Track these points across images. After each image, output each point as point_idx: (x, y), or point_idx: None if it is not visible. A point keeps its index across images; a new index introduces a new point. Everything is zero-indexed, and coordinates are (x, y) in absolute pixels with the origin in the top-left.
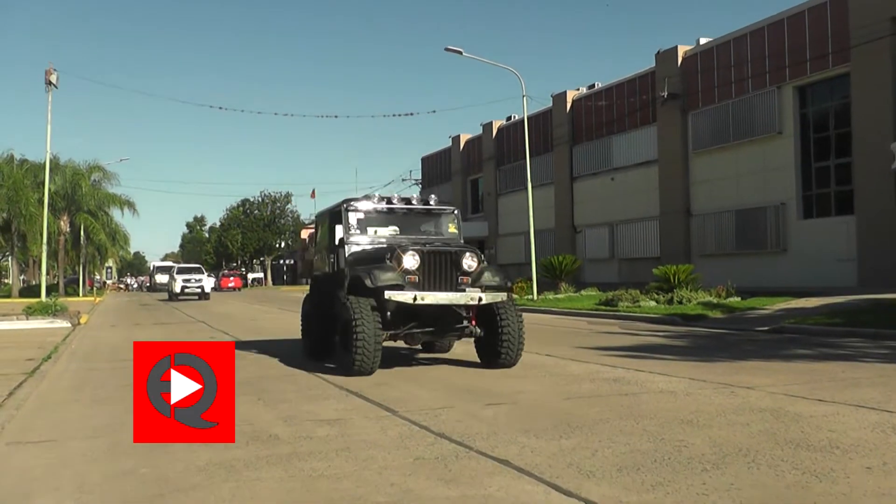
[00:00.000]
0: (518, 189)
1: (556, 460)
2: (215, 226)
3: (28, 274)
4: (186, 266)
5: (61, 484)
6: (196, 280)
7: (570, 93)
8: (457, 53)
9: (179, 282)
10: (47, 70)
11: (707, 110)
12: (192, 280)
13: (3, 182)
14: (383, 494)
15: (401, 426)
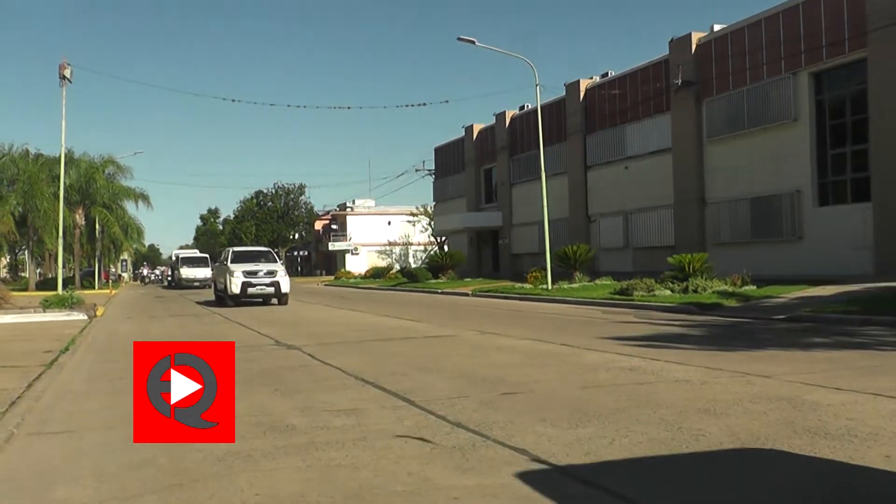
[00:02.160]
0: (532, 178)
1: (573, 449)
2: (229, 218)
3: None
4: (248, 250)
5: (81, 473)
6: (267, 273)
7: (584, 81)
8: (469, 43)
9: (239, 276)
10: (61, 65)
11: (721, 97)
12: (261, 273)
13: (18, 176)
14: (401, 483)
15: (417, 416)
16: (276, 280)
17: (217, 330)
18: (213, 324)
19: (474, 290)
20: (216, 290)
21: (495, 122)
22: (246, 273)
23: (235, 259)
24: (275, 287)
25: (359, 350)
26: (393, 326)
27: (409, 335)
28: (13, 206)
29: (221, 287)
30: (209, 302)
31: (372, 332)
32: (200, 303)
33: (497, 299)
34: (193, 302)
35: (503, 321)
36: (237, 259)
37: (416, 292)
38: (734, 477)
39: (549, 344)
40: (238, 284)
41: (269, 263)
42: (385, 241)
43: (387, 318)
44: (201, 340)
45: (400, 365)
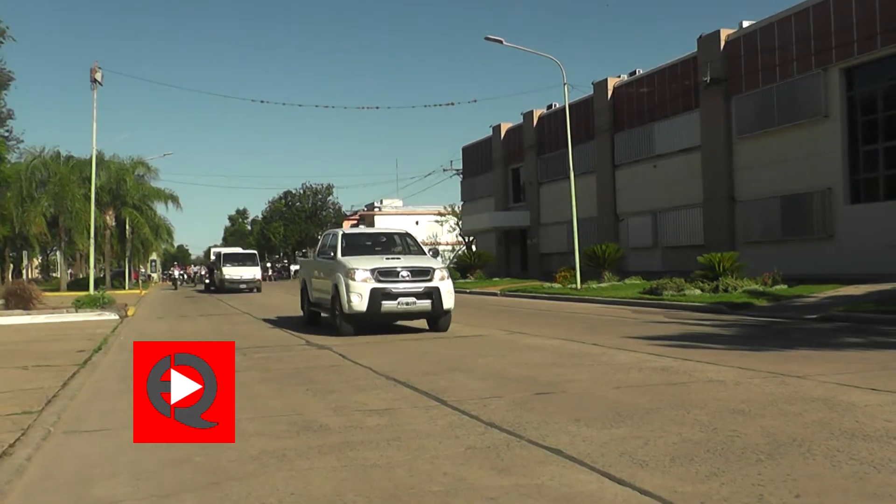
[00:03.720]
0: (560, 178)
1: (608, 449)
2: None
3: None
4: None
5: (118, 471)
6: (413, 273)
7: (612, 80)
8: (497, 42)
9: (366, 280)
10: (92, 68)
11: (751, 94)
12: (404, 273)
13: (50, 178)
14: (437, 483)
15: (450, 415)
16: (431, 286)
17: (246, 329)
18: (243, 323)
19: (503, 289)
20: (309, 303)
21: (523, 121)
22: (379, 273)
23: (351, 247)
24: (431, 298)
25: (389, 350)
26: (422, 326)
27: (438, 335)
28: (45, 207)
29: (325, 298)
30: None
31: (400, 332)
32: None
33: (526, 299)
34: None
35: (533, 321)
36: (354, 247)
37: None
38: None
39: (579, 344)
40: (364, 295)
41: (411, 255)
42: None
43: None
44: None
45: (431, 365)
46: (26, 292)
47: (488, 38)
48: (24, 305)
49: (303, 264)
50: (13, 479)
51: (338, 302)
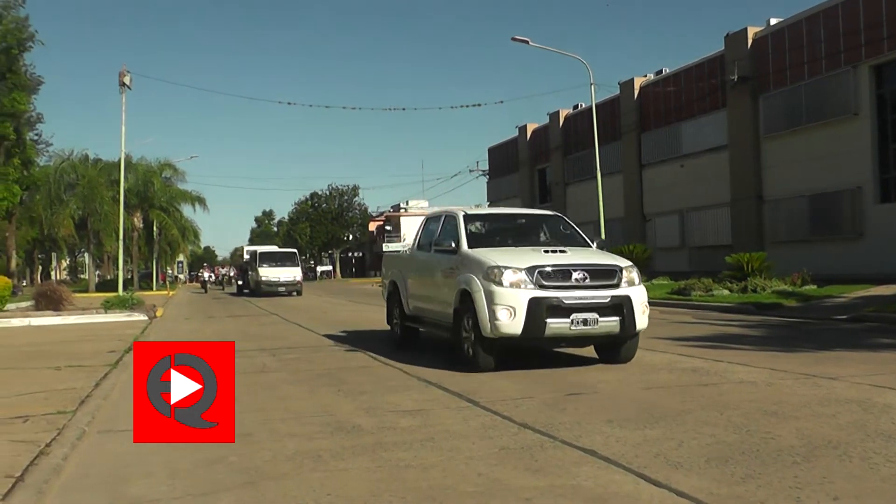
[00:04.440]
0: (586, 178)
1: (642, 450)
2: (284, 220)
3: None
4: (509, 215)
5: (153, 470)
6: (597, 273)
7: (638, 79)
8: (523, 43)
9: (520, 285)
10: (121, 72)
11: (779, 93)
12: (582, 276)
13: (78, 181)
14: (472, 484)
15: (483, 416)
16: (619, 295)
17: (274, 331)
18: (271, 324)
19: None
20: (403, 314)
21: (549, 121)
22: (541, 275)
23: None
24: (620, 314)
25: (418, 350)
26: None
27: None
28: (73, 209)
29: (435, 311)
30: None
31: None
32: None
33: None
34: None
35: None
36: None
37: None
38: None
39: None
40: (519, 309)
41: (577, 248)
42: None
43: None
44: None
45: (460, 366)
46: (56, 293)
47: (515, 39)
48: (54, 306)
49: (391, 261)
50: (50, 478)
51: (468, 319)
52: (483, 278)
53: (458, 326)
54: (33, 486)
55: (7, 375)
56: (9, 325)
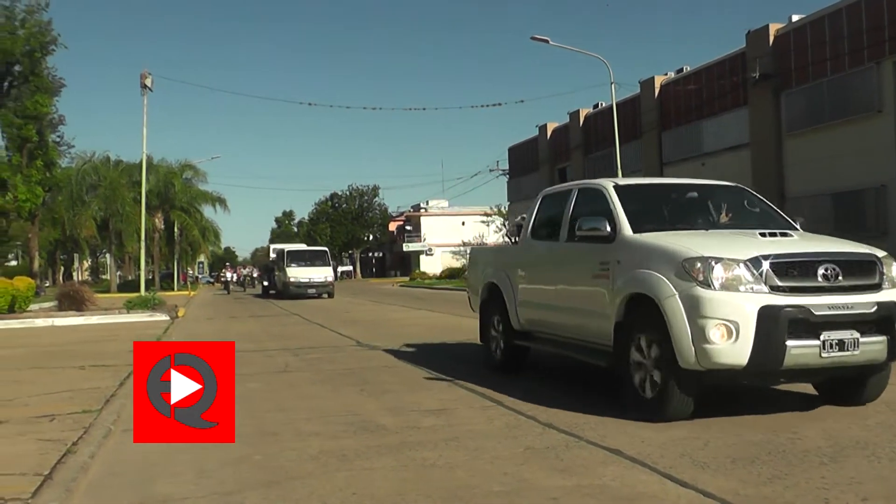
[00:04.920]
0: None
1: (668, 450)
2: (304, 220)
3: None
4: (674, 185)
5: (180, 469)
6: (851, 268)
7: (658, 78)
8: (543, 42)
9: (748, 284)
10: (142, 74)
11: (801, 90)
12: (832, 270)
13: (100, 182)
14: (498, 484)
15: (507, 416)
16: (884, 302)
17: (296, 330)
18: (293, 325)
19: None
20: (508, 329)
21: (569, 120)
22: (774, 269)
23: (641, 214)
24: (890, 333)
25: (441, 350)
26: (473, 327)
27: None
28: (95, 211)
29: (569, 324)
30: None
31: (452, 333)
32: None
33: None
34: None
35: None
36: (645, 215)
37: None
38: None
39: None
40: (746, 325)
41: (794, 232)
42: (459, 241)
43: (465, 318)
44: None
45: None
46: (79, 294)
47: (534, 38)
48: (76, 307)
49: (487, 257)
50: (78, 476)
51: (645, 340)
52: (675, 276)
53: (624, 351)
54: (62, 484)
55: (32, 375)
56: (33, 325)
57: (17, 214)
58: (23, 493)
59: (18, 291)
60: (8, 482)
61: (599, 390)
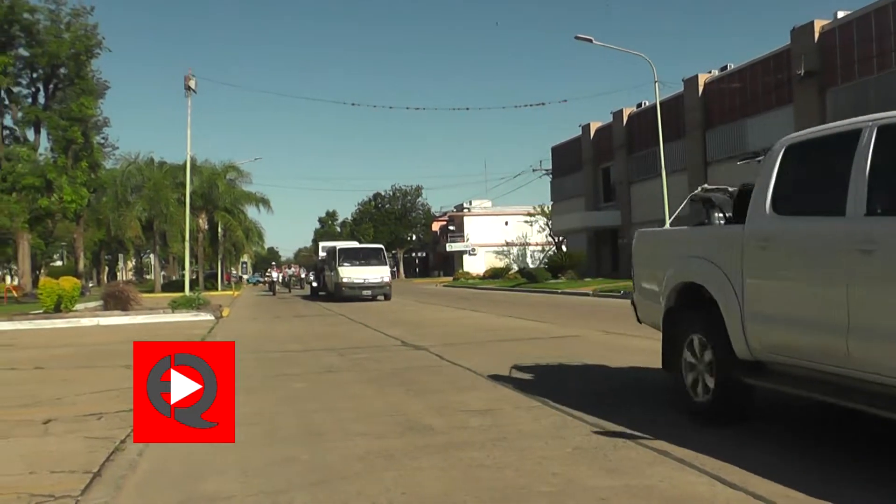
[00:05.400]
0: (651, 176)
1: (717, 452)
2: (347, 220)
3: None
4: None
5: (227, 468)
6: None
7: (702, 76)
8: (587, 41)
9: None
10: (186, 76)
11: (847, 87)
12: None
13: (144, 183)
14: (546, 484)
15: (553, 416)
16: None
17: (341, 330)
18: (338, 325)
19: (595, 289)
20: (736, 360)
21: (612, 120)
22: None
23: None
24: None
25: (485, 350)
26: (516, 327)
27: (534, 335)
28: (139, 211)
29: None
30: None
31: (496, 333)
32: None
33: (619, 299)
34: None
35: (628, 321)
36: None
37: (535, 293)
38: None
39: None
40: None
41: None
42: (502, 241)
43: (509, 318)
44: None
45: (527, 367)
46: (124, 294)
47: (578, 38)
48: (122, 307)
49: (665, 241)
50: (127, 473)
51: None
52: None
53: None
54: (111, 482)
55: (80, 374)
56: (79, 325)
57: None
58: (72, 490)
59: (64, 291)
60: (58, 479)
61: (648, 389)
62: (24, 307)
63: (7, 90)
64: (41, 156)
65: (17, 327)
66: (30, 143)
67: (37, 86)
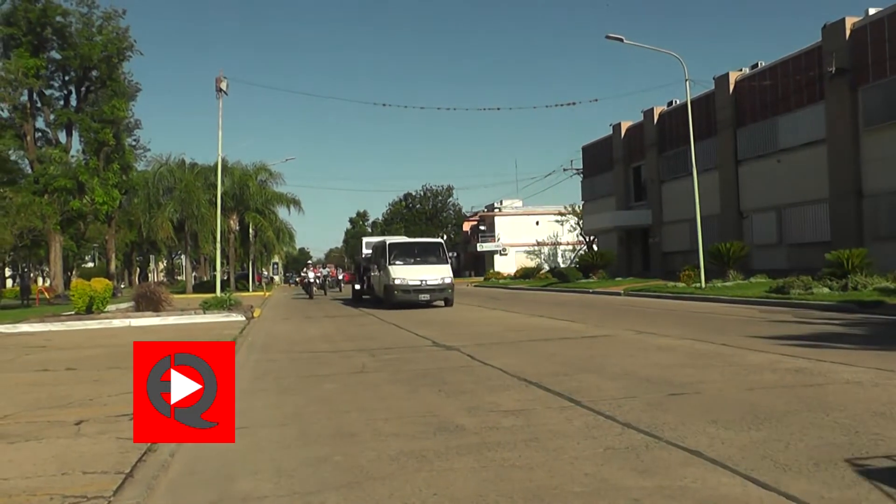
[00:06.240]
0: (681, 175)
1: (749, 452)
2: (378, 221)
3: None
4: None
5: (260, 468)
6: None
7: (733, 74)
8: (618, 41)
9: None
10: (217, 78)
11: (879, 84)
12: None
13: (176, 185)
14: (579, 484)
15: (585, 416)
16: None
17: (371, 331)
18: (366, 325)
19: (626, 289)
20: None
21: (643, 118)
22: None
23: None
24: None
25: (517, 350)
26: (548, 327)
27: (565, 335)
28: (170, 213)
29: None
30: None
31: (528, 333)
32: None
33: (650, 298)
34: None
35: (658, 321)
36: None
37: (567, 292)
38: None
39: (708, 344)
40: None
41: None
42: (533, 241)
43: (541, 318)
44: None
45: (560, 365)
46: (156, 295)
47: (609, 37)
48: (153, 307)
49: None
50: (159, 474)
51: None
52: None
53: None
54: (142, 483)
55: (111, 375)
56: (110, 326)
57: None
58: (104, 490)
59: (96, 292)
60: (90, 480)
61: (679, 389)
62: (56, 309)
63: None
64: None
65: (50, 329)
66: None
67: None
